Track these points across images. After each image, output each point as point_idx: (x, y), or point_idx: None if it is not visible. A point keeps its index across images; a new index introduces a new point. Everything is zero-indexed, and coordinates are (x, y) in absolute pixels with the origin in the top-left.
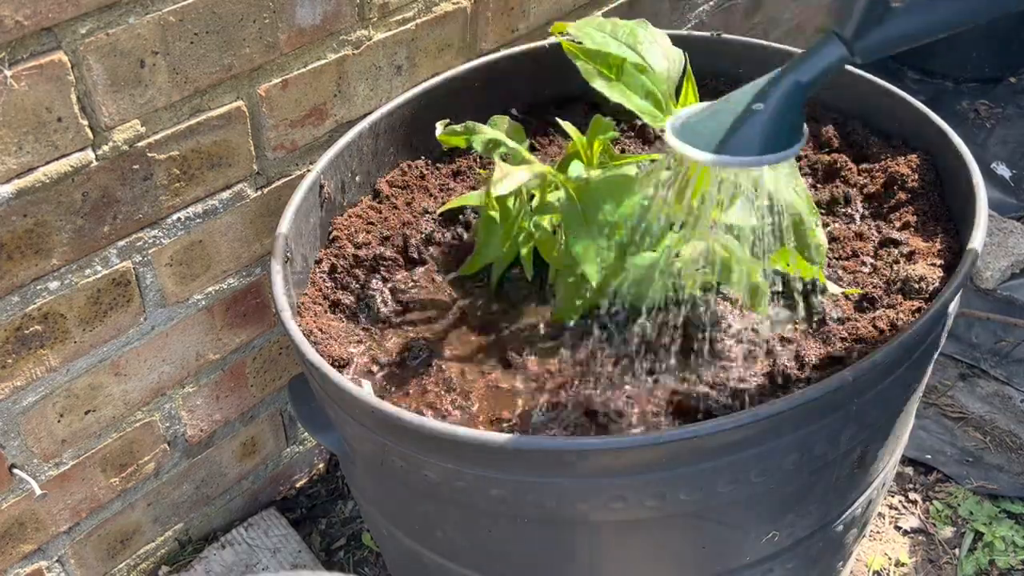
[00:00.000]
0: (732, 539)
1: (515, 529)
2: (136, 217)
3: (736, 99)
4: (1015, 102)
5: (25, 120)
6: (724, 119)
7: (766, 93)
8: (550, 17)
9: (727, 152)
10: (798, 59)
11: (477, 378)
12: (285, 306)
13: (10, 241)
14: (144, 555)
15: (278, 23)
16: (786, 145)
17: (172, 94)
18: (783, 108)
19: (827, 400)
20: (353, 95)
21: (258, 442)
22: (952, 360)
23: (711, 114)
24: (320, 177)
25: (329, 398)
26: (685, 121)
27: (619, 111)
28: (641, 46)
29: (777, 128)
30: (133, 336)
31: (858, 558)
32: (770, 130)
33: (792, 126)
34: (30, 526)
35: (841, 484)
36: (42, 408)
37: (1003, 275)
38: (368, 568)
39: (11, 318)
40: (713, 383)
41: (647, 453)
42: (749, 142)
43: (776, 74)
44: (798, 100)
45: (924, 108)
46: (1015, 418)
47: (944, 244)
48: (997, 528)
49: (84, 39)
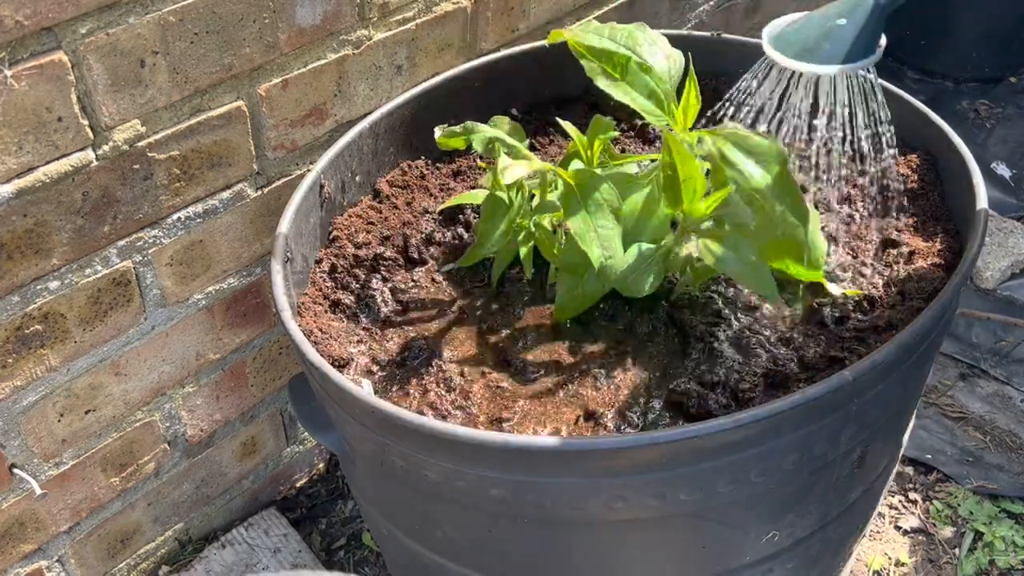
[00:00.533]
0: (732, 539)
1: (515, 529)
2: (136, 217)
3: (825, 15)
4: (1015, 102)
5: (25, 120)
6: (812, 32)
7: (851, 11)
8: (550, 17)
9: (813, 60)
10: None
11: (477, 378)
12: (285, 306)
13: (10, 241)
14: (144, 555)
15: (278, 23)
16: (863, 57)
17: (172, 94)
18: (863, 24)
19: (827, 400)
20: (353, 95)
21: (258, 442)
22: (952, 360)
23: (802, 27)
24: (320, 177)
25: (329, 398)
26: (780, 32)
27: (619, 111)
28: (640, 48)
29: (858, 41)
30: (133, 336)
31: (858, 558)
32: (852, 43)
33: (869, 41)
34: (30, 526)
35: (841, 484)
36: (42, 408)
37: (1003, 275)
38: (368, 568)
39: (11, 318)
40: (713, 383)
41: (647, 453)
42: (835, 52)
43: None
44: (876, 17)
45: (924, 108)
46: (1015, 418)
47: (944, 244)
48: (997, 528)
49: (84, 39)
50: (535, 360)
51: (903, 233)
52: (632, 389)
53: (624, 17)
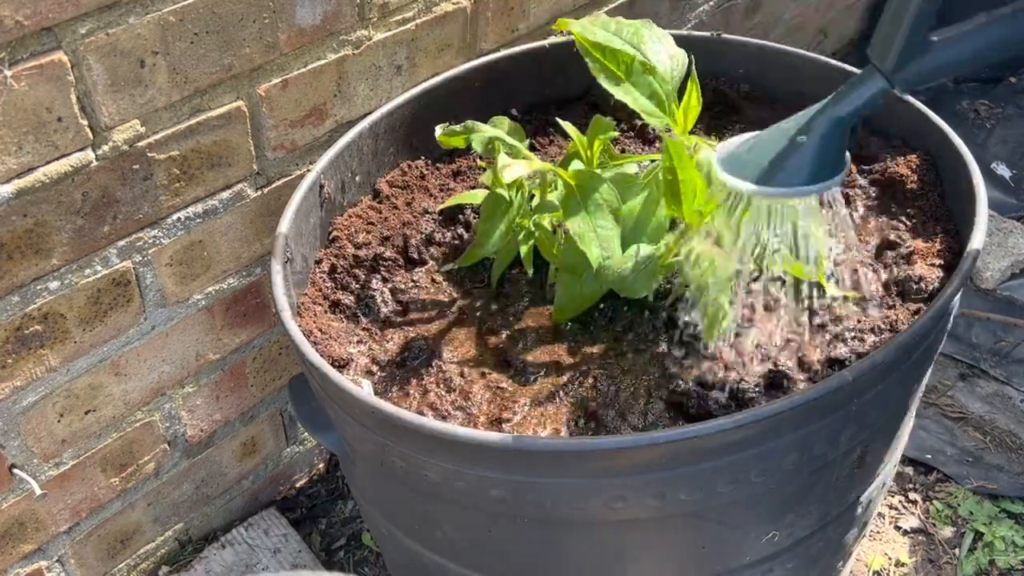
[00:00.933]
0: (732, 539)
1: (515, 529)
2: (136, 217)
3: (780, 131)
4: (1015, 102)
5: (25, 120)
6: (769, 151)
7: (809, 127)
8: (550, 17)
9: (774, 184)
10: (840, 92)
11: (477, 378)
12: (285, 306)
13: (10, 241)
14: (144, 555)
15: (278, 23)
16: (830, 175)
17: (172, 94)
18: (826, 140)
19: (827, 400)
20: (353, 95)
21: (258, 442)
22: (952, 360)
23: (755, 146)
24: (320, 177)
25: (329, 398)
26: (731, 153)
27: (619, 111)
28: (645, 45)
29: (822, 159)
30: (133, 336)
31: (858, 558)
32: (815, 161)
33: (835, 157)
34: (30, 526)
35: (841, 484)
36: (42, 408)
37: (1003, 275)
38: (368, 568)
39: (11, 318)
40: (713, 383)
41: (647, 453)
42: (796, 172)
43: (818, 107)
44: (840, 131)
45: (924, 108)
46: (1015, 418)
47: (944, 244)
48: (997, 528)
49: (84, 39)
50: (535, 360)
51: (903, 233)
52: (632, 389)
53: (624, 17)
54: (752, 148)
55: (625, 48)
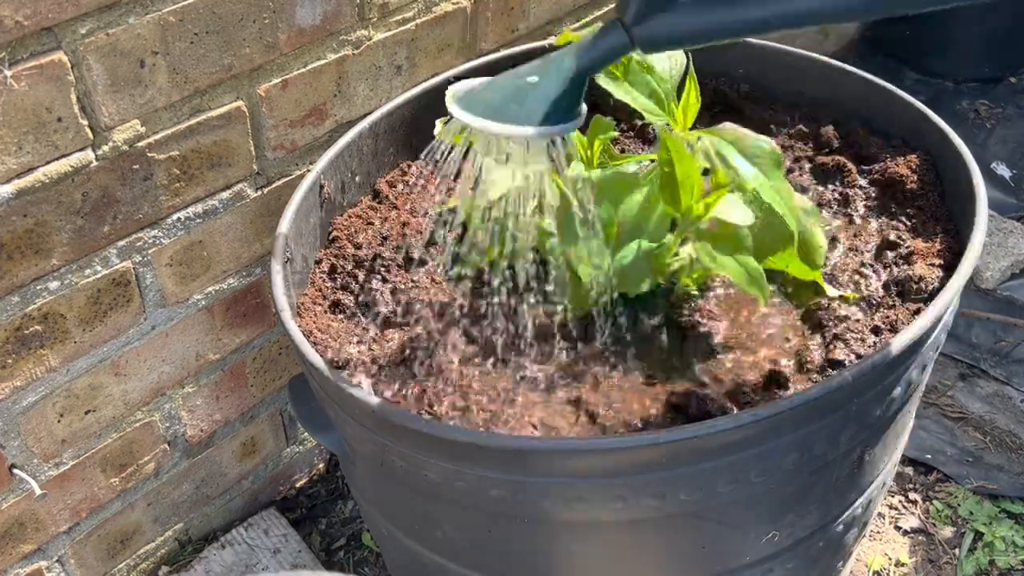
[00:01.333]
0: (732, 539)
1: (515, 529)
2: (136, 217)
3: (518, 75)
4: (1015, 102)
5: (25, 120)
6: (504, 92)
7: (546, 73)
8: (550, 17)
9: (503, 120)
10: (581, 43)
11: (477, 378)
12: (285, 306)
13: (10, 241)
14: (144, 555)
15: (278, 23)
16: (560, 123)
17: (172, 94)
18: (560, 87)
19: (827, 400)
20: (353, 95)
21: (258, 442)
22: (952, 360)
23: (492, 86)
24: (320, 177)
25: (329, 398)
26: (468, 90)
27: (619, 111)
28: None
29: (555, 106)
30: (133, 336)
31: (858, 558)
32: (548, 106)
33: (568, 106)
34: (30, 526)
35: (841, 484)
36: (42, 408)
37: (1003, 275)
38: (368, 568)
39: (11, 318)
40: (713, 383)
41: (647, 453)
42: (526, 115)
43: (558, 55)
44: (576, 82)
45: (924, 108)
46: (1015, 418)
47: (944, 244)
48: (997, 528)
49: (84, 39)
50: (535, 360)
51: (903, 233)
52: (632, 389)
53: None
54: (489, 87)
55: None
